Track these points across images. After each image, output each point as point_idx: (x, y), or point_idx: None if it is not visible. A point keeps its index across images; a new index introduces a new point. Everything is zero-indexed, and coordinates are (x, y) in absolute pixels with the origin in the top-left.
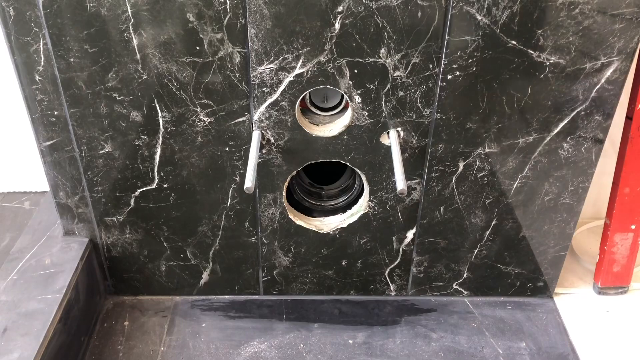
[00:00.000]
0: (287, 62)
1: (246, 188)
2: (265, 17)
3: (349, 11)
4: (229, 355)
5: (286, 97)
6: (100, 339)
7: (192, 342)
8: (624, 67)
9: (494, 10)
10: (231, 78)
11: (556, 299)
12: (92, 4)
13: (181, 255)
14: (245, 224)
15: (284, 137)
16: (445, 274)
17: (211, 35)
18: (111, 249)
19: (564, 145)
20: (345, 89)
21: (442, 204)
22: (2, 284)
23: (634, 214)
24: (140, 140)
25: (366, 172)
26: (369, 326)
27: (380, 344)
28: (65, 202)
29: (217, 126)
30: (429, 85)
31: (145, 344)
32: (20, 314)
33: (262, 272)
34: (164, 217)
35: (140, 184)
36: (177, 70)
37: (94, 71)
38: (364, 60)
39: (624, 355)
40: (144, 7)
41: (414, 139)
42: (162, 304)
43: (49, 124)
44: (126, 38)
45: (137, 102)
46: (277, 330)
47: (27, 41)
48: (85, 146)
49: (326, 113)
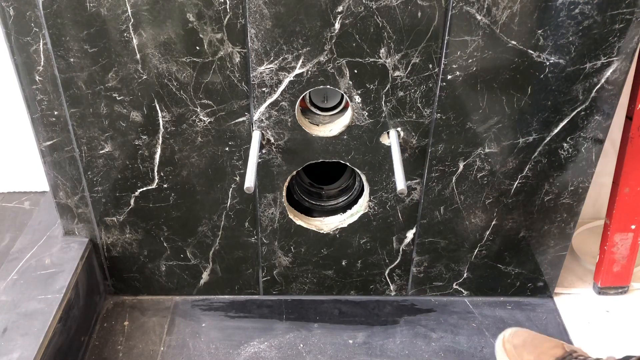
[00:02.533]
0: (287, 62)
1: (246, 188)
2: (265, 17)
3: (349, 11)
4: (229, 355)
5: (286, 97)
6: (100, 339)
7: (192, 342)
8: (624, 67)
9: (494, 10)
10: (231, 78)
11: (556, 299)
12: (92, 4)
13: (181, 255)
14: (245, 224)
15: (284, 137)
16: (445, 274)
17: (211, 35)
18: (111, 249)
19: (564, 145)
20: (345, 89)
21: (442, 204)
22: (2, 284)
23: (634, 214)
24: (140, 140)
25: (366, 172)
26: (369, 326)
27: (380, 344)
28: (65, 202)
29: (217, 126)
30: (429, 85)
31: (145, 344)
32: (20, 314)
33: (262, 272)
34: (164, 217)
35: (140, 184)
36: (177, 70)
37: (94, 71)
38: (364, 60)
39: (624, 355)
40: (144, 7)
41: (414, 139)
42: (162, 304)
43: (48, 124)
44: (126, 38)
45: (137, 102)
46: (277, 330)
47: (27, 41)
48: (85, 146)
49: (326, 113)
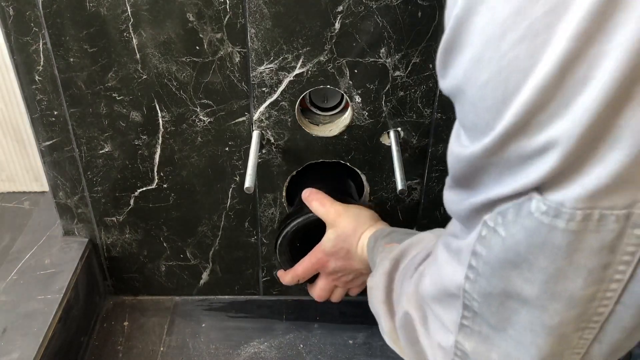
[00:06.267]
0: (287, 62)
1: (246, 188)
2: (265, 17)
3: (349, 11)
4: (229, 355)
5: (286, 97)
6: (100, 339)
7: (192, 342)
8: None
9: None
10: (231, 78)
11: None
12: (92, 4)
13: (181, 255)
14: (245, 224)
15: (284, 137)
16: None
17: (211, 35)
18: (111, 249)
19: None
20: (345, 89)
21: (442, 204)
22: (2, 284)
23: None
24: (140, 140)
25: (366, 172)
26: (369, 326)
27: (380, 345)
28: (65, 202)
29: (217, 126)
30: (429, 85)
31: (145, 344)
32: (20, 314)
33: (262, 272)
34: (164, 217)
35: (140, 184)
36: (177, 70)
37: (94, 71)
38: (364, 60)
39: None
40: (144, 7)
41: (414, 139)
42: (162, 304)
43: (48, 124)
44: (126, 38)
45: (136, 102)
46: (277, 331)
47: (27, 41)
48: (85, 146)
49: (326, 113)
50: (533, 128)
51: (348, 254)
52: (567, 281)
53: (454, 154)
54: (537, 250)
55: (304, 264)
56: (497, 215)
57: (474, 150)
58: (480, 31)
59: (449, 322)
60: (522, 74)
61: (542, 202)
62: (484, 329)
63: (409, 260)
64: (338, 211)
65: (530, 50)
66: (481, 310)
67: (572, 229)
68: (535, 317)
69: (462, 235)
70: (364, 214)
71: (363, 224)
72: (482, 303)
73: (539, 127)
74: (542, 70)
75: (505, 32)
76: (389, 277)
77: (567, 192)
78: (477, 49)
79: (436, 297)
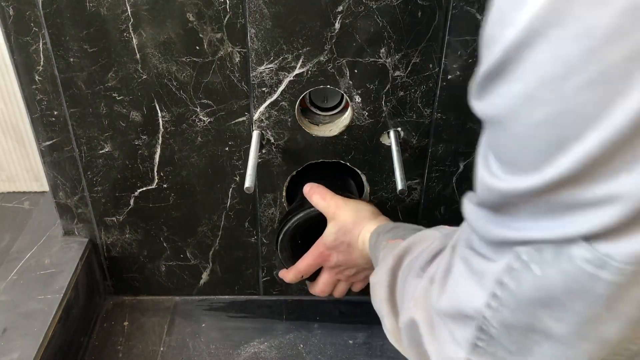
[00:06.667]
0: (287, 62)
1: (246, 188)
2: (265, 17)
3: (349, 11)
4: (229, 355)
5: (286, 97)
6: (100, 339)
7: (192, 342)
8: None
9: None
10: (231, 78)
11: None
12: (91, 4)
13: (181, 255)
14: (245, 224)
15: (284, 137)
16: None
17: (211, 35)
18: (111, 249)
19: None
20: (345, 89)
21: (442, 204)
22: (2, 284)
23: None
24: (140, 140)
25: (366, 172)
26: (369, 326)
27: (381, 344)
28: (65, 202)
29: (217, 126)
30: (429, 85)
31: (145, 344)
32: (20, 314)
33: (262, 272)
34: (164, 217)
35: (140, 184)
36: (177, 70)
37: (94, 71)
38: (364, 60)
39: None
40: (144, 7)
41: (414, 139)
42: (162, 304)
43: (48, 124)
44: (126, 38)
45: (136, 102)
46: (277, 331)
47: (27, 41)
48: (85, 146)
49: (326, 113)
50: (591, 179)
51: (349, 247)
52: (602, 326)
53: (484, 182)
54: (574, 296)
55: (306, 260)
56: (533, 250)
57: (513, 187)
58: (537, 68)
59: (461, 339)
60: (587, 121)
61: (588, 250)
62: (499, 352)
63: (413, 258)
64: (338, 204)
65: (600, 98)
66: (499, 337)
67: (619, 282)
68: (560, 352)
69: (486, 254)
70: (364, 208)
71: (363, 218)
72: (502, 331)
73: (599, 180)
74: (613, 121)
75: (571, 74)
76: (392, 273)
77: (620, 246)
78: (531, 86)
79: (449, 313)
